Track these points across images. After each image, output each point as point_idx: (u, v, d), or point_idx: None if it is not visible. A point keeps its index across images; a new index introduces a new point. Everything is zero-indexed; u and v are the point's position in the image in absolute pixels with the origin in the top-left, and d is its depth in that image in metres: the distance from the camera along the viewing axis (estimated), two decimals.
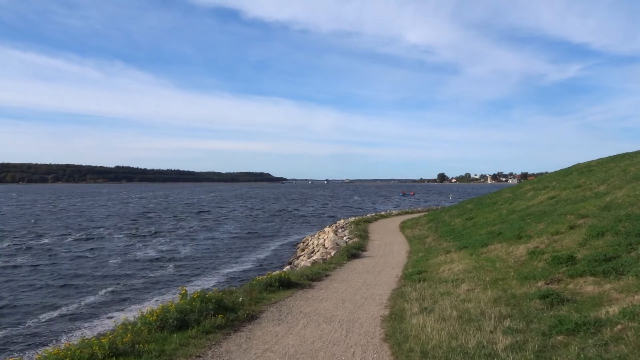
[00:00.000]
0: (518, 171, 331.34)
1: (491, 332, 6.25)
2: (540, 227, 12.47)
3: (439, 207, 46.02)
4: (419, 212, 41.22)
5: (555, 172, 28.98)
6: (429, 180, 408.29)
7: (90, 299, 16.16)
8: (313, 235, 29.80)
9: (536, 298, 7.15)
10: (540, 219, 13.71)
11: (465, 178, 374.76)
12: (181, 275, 20.18)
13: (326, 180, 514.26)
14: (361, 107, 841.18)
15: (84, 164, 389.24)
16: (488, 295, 8.04)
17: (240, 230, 37.65)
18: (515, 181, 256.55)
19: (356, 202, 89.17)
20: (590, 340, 5.24)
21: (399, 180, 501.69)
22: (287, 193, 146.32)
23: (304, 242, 28.30)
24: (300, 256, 22.39)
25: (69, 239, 31.44)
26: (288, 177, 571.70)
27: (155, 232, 35.56)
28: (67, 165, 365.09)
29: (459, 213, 24.92)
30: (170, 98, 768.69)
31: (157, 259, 24.00)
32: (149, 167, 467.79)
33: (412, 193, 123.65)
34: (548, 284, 7.82)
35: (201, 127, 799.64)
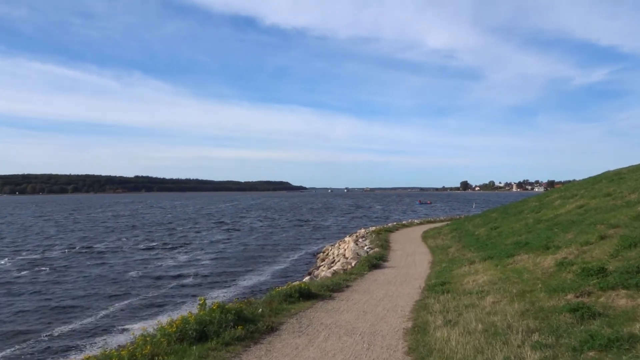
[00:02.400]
0: (544, 179, 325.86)
1: (519, 346, 6.13)
2: (569, 237, 12.22)
3: (462, 216, 45.52)
4: (442, 221, 40.85)
5: (584, 179, 28.40)
6: (451, 189, 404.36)
7: (110, 310, 16.42)
8: (333, 245, 29.75)
9: (566, 311, 6.99)
10: (568, 229, 13.44)
11: (489, 186, 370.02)
12: (200, 285, 20.36)
13: (346, 188, 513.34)
14: (380, 115, 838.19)
15: (103, 174, 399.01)
16: (515, 308, 7.90)
17: (260, 240, 37.84)
18: (541, 189, 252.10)
19: (377, 211, 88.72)
20: (623, 357, 5.10)
21: (421, 188, 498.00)
22: (306, 202, 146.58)
23: (324, 252, 28.25)
24: (320, 266, 22.37)
25: (87, 251, 32.05)
26: (307, 186, 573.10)
27: (174, 243, 36.00)
28: (87, 176, 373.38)
29: (483, 222, 24.61)
30: (188, 107, 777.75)
31: (176, 270, 24.28)
32: (167, 176, 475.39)
33: (428, 202, 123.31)
34: (578, 296, 7.64)
35: (219, 135, 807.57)
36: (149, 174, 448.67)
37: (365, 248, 22.16)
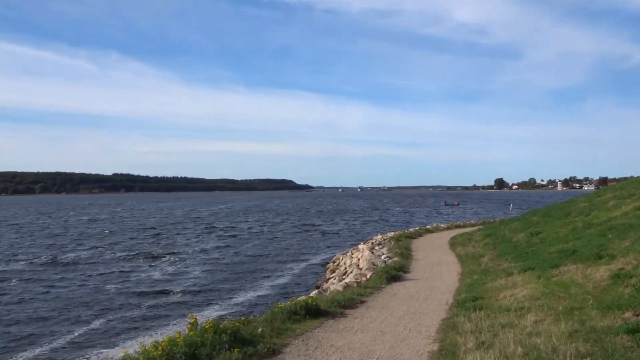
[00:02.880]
0: (595, 175, 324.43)
1: None
2: (626, 244, 12.13)
3: (497, 219, 45.34)
4: (472, 225, 40.93)
5: None
6: (484, 187, 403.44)
7: (84, 332, 16.56)
8: (345, 254, 29.84)
9: (622, 332, 6.94)
10: (625, 235, 13.34)
11: (529, 184, 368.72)
12: (190, 301, 20.48)
13: (359, 187, 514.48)
14: (399, 100, 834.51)
15: (76, 171, 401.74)
16: (561, 328, 7.85)
17: (259, 248, 38.01)
18: (592, 187, 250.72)
19: (396, 213, 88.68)
20: None
21: (447, 187, 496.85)
22: (313, 203, 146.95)
23: (334, 262, 28.39)
24: (330, 279, 22.45)
25: (56, 262, 32.34)
26: (314, 185, 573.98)
27: (160, 252, 36.25)
28: (57, 174, 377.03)
29: (523, 227, 24.54)
30: (175, 93, 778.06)
31: (162, 283, 24.45)
32: (152, 174, 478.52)
33: (456, 203, 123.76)
34: (638, 315, 7.58)
35: (212, 127, 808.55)
36: (129, 172, 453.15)
37: (383, 257, 22.19)
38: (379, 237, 33.84)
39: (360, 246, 30.46)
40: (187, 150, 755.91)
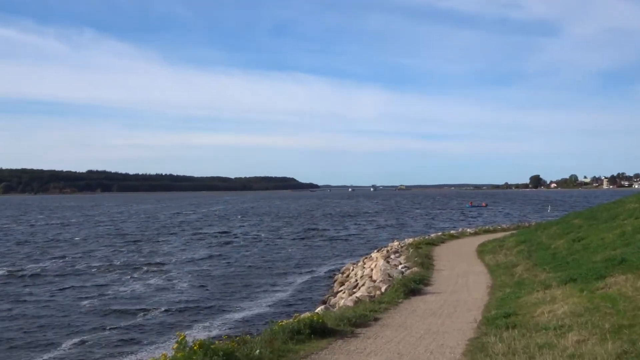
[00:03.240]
0: None
1: None
2: None
3: (533, 223, 45.22)
4: (504, 230, 40.94)
5: None
6: (517, 186, 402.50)
7: (54, 355, 16.66)
8: (356, 264, 29.92)
9: None
10: None
11: (570, 182, 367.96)
12: (177, 320, 20.55)
13: (373, 186, 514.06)
14: (418, 85, 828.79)
15: (45, 168, 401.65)
16: (608, 349, 7.84)
17: (257, 257, 38.11)
18: None
19: (415, 216, 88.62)
20: None
21: (475, 186, 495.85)
22: (319, 204, 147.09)
23: (343, 273, 28.46)
24: (338, 292, 22.53)
25: (22, 274, 32.49)
26: (320, 183, 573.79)
27: (142, 262, 36.41)
28: (23, 171, 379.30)
29: (563, 231, 24.48)
30: (158, 77, 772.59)
31: (144, 299, 24.54)
32: (132, 171, 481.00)
33: (483, 204, 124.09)
34: None
35: (201, 116, 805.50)
36: (106, 168, 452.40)
37: (400, 267, 22.22)
38: (396, 244, 33.88)
39: (374, 255, 30.51)
40: (173, 144, 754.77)
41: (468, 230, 41.60)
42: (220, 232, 59.96)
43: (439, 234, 39.16)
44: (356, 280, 23.62)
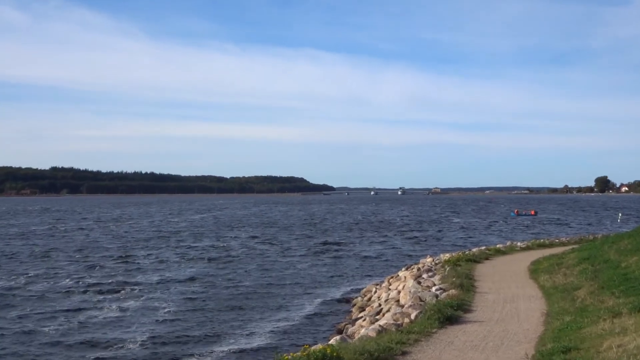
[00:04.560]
0: None
1: None
2: None
3: (599, 235, 44.86)
4: (563, 244, 40.83)
5: None
6: (580, 190, 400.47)
7: None
8: (379, 285, 30.00)
9: None
10: None
11: None
12: (159, 351, 20.71)
13: (401, 189, 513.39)
14: (457, 64, 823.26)
15: (0, 164, 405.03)
16: None
17: (257, 276, 38.28)
18: None
19: (453, 226, 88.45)
20: None
21: (527, 189, 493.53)
22: (334, 211, 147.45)
23: (364, 296, 28.54)
24: (357, 319, 22.55)
25: None
26: (335, 185, 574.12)
27: (117, 281, 36.56)
28: None
29: (636, 246, 24.27)
30: (137, 53, 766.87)
31: (119, 325, 24.75)
32: (105, 168, 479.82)
33: (532, 212, 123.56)
34: None
35: (189, 101, 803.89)
36: (74, 165, 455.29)
37: (434, 289, 22.17)
38: (429, 260, 33.83)
39: (402, 273, 30.45)
40: (155, 135, 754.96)
41: (518, 244, 41.36)
42: (213, 245, 60.08)
43: (482, 248, 38.92)
44: (380, 305, 23.57)
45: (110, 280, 36.38)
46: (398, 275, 30.43)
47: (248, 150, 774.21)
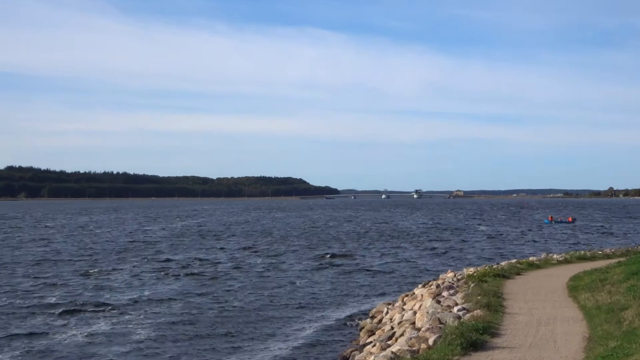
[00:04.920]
0: None
1: None
2: None
3: None
4: (608, 256, 40.80)
5: None
6: (627, 193, 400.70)
7: None
8: (392, 304, 30.05)
9: None
10: None
11: None
12: None
13: (417, 192, 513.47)
14: (484, 46, 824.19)
15: None
16: None
17: (248, 294, 38.34)
18: None
19: (478, 235, 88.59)
20: None
21: (565, 192, 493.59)
22: (338, 219, 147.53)
23: (373, 318, 28.61)
24: (366, 345, 22.56)
25: None
26: (340, 187, 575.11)
27: (84, 301, 36.53)
28: None
29: None
30: (113, 35, 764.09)
31: (88, 351, 24.74)
32: (70, 168, 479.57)
33: (569, 219, 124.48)
34: None
35: (171, 90, 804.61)
36: (34, 164, 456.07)
37: (456, 309, 22.14)
38: (450, 276, 33.86)
39: (418, 291, 30.48)
40: (130, 129, 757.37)
41: (555, 256, 41.32)
42: (196, 257, 59.98)
43: (513, 261, 38.80)
44: (392, 328, 23.61)
45: (75, 300, 36.26)
46: (414, 294, 30.45)
47: (238, 146, 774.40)
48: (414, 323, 22.48)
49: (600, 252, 44.55)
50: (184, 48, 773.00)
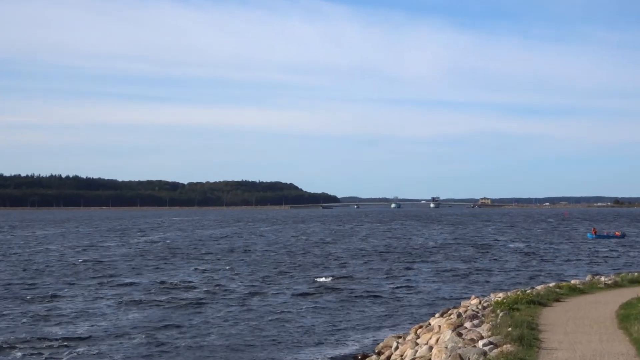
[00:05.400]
0: None
1: None
2: None
3: None
4: None
5: None
6: None
7: None
8: (403, 337, 30.15)
9: None
10: None
11: None
12: None
13: (434, 200, 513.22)
14: (512, 20, 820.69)
15: None
16: None
17: (229, 324, 38.53)
18: None
19: (506, 253, 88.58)
20: None
21: (615, 200, 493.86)
22: (337, 233, 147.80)
23: (380, 354, 28.73)
24: None
25: None
26: (341, 195, 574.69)
27: (28, 331, 36.65)
28: None
29: None
30: (55, 6, 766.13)
31: None
32: (8, 171, 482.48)
33: (616, 233, 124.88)
34: None
35: (136, 73, 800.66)
36: None
37: (481, 344, 22.17)
38: (474, 302, 34.01)
39: (435, 322, 30.56)
40: (82, 123, 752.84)
41: (602, 279, 41.28)
42: (163, 281, 60.09)
43: (550, 285, 38.79)
44: None
45: (15, 329, 36.40)
46: (429, 325, 30.58)
47: (215, 144, 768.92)
48: None
49: None
50: (148, 23, 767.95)
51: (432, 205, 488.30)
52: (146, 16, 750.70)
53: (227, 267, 72.48)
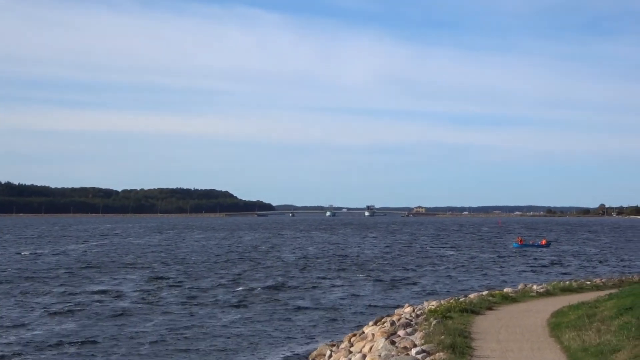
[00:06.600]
0: None
1: None
2: None
3: None
4: (597, 287, 41.73)
5: None
6: (622, 211, 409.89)
7: None
8: (336, 345, 30.17)
9: None
10: None
11: None
12: None
13: (369, 208, 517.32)
14: (451, 30, 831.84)
15: None
16: None
17: (159, 337, 38.00)
18: None
19: (443, 262, 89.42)
20: None
21: (548, 209, 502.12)
22: (272, 241, 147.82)
23: None
24: None
25: None
26: (276, 203, 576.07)
27: None
28: None
29: None
30: None
31: None
32: None
33: (542, 242, 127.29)
34: None
35: (65, 79, 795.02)
36: None
37: (414, 352, 22.23)
38: (407, 311, 34.13)
39: (368, 330, 30.64)
40: (12, 129, 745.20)
41: (535, 287, 41.79)
42: (94, 291, 59.54)
43: (484, 293, 39.17)
44: None
45: None
46: (363, 332, 30.58)
47: (150, 151, 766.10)
48: None
49: (589, 283, 45.14)
50: (79, 27, 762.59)
51: (367, 213, 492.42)
52: (76, 21, 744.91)
53: (160, 276, 72.23)
